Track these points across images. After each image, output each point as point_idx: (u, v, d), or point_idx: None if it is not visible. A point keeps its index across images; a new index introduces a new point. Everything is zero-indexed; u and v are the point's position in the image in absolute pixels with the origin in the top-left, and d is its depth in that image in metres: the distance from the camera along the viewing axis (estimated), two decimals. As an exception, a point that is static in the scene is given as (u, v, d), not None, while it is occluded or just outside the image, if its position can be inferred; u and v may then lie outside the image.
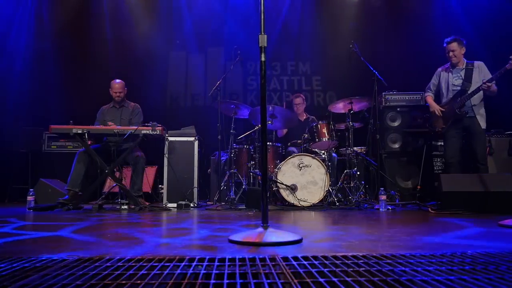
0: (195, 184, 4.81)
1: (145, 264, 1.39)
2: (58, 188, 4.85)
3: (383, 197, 4.10)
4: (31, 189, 4.35)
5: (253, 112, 4.83)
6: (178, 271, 1.28)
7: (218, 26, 7.10)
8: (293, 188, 4.46)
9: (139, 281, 1.15)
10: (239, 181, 4.93)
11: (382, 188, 4.20)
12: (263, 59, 2.08)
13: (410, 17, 6.70)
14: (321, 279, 1.18)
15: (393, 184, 5.12)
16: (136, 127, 4.29)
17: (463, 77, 4.34)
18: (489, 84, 4.07)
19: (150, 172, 5.72)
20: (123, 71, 6.20)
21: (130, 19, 6.82)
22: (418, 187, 4.75)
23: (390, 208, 4.14)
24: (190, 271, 1.28)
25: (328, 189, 4.51)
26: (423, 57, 6.12)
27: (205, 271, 1.28)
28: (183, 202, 4.48)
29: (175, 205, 4.56)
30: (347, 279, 1.18)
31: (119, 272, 1.27)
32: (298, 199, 4.42)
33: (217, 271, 1.27)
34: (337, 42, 6.98)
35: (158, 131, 4.32)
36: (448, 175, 4.02)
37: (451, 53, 4.39)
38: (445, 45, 4.43)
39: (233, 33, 6.84)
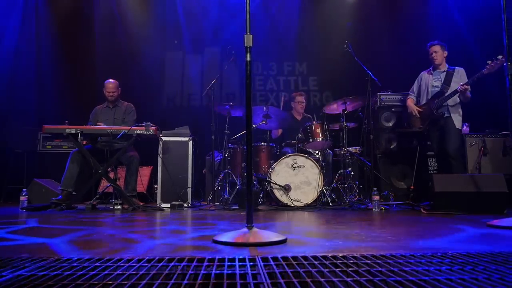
0: (189, 184, 4.80)
1: (122, 264, 1.38)
2: (52, 188, 4.85)
3: (376, 197, 4.10)
4: (24, 189, 4.35)
5: (247, 112, 4.81)
6: (154, 271, 1.28)
7: (215, 26, 7.09)
8: (286, 189, 4.46)
9: (110, 282, 1.15)
10: (234, 181, 4.92)
11: (375, 188, 4.20)
12: (248, 59, 2.09)
13: (406, 17, 6.70)
14: (294, 280, 1.17)
15: (387, 184, 5.11)
16: (130, 127, 4.29)
17: (442, 80, 4.51)
18: (466, 86, 4.22)
19: (145, 172, 5.73)
20: (119, 71, 6.20)
21: (125, 19, 6.81)
22: (411, 187, 4.74)
23: (383, 208, 4.14)
24: (166, 271, 1.28)
25: (322, 189, 4.50)
26: (418, 57, 6.11)
27: (180, 272, 1.27)
28: (177, 202, 4.48)
29: (168, 205, 4.56)
30: (320, 279, 1.18)
31: (94, 272, 1.26)
32: (291, 199, 4.42)
33: (192, 272, 1.27)
34: (333, 42, 6.97)
35: (151, 131, 4.31)
36: (441, 175, 4.02)
37: (433, 54, 4.58)
38: (428, 48, 4.63)
39: (230, 33, 6.84)
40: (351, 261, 1.42)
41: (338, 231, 2.42)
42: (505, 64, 2.52)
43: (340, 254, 1.53)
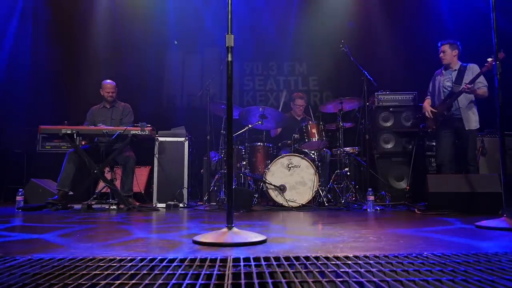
0: (185, 185, 4.81)
1: (102, 264, 1.39)
2: (49, 188, 4.88)
3: (371, 198, 4.07)
4: (20, 189, 4.38)
5: (242, 113, 4.82)
6: (121, 271, 1.28)
7: (215, 27, 7.09)
8: (281, 189, 4.45)
9: (70, 282, 1.16)
10: (230, 181, 4.91)
11: (370, 189, 4.17)
12: (229, 59, 2.08)
13: (406, 17, 6.66)
14: (256, 281, 1.17)
15: (385, 184, 5.07)
16: (125, 127, 4.31)
17: (453, 79, 4.39)
18: (470, 86, 4.10)
19: (143, 173, 5.74)
20: (118, 71, 6.24)
21: (124, 19, 6.83)
22: (407, 187, 4.70)
23: (378, 209, 4.11)
24: (133, 271, 1.28)
25: (317, 190, 4.49)
26: (417, 57, 6.09)
27: (146, 272, 1.28)
28: (172, 203, 4.48)
29: (164, 205, 4.57)
30: (282, 280, 1.17)
31: (61, 271, 1.27)
32: (286, 199, 4.40)
33: (158, 272, 1.27)
34: (333, 42, 6.93)
35: (147, 131, 4.33)
36: (435, 175, 4.00)
37: (441, 54, 4.48)
38: (439, 47, 4.51)
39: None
40: (321, 262, 1.41)
41: (323, 231, 2.41)
42: (493, 63, 2.49)
43: (313, 255, 1.52)
